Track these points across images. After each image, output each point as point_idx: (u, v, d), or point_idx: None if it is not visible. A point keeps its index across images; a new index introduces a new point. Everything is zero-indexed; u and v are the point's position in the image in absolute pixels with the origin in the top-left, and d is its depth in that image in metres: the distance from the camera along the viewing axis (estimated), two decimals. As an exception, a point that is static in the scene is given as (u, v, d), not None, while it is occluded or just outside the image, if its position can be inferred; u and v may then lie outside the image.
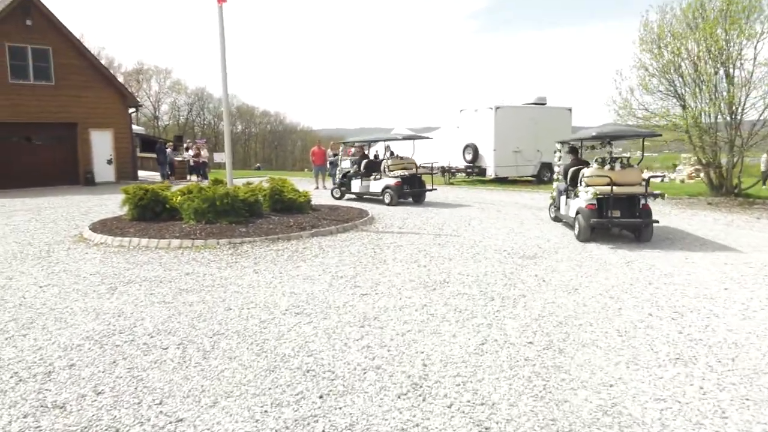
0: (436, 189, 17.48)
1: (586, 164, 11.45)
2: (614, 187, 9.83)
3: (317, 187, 21.09)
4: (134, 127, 29.73)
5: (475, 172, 24.38)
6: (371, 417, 3.79)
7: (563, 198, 11.74)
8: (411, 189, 16.12)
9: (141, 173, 27.76)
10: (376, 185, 16.49)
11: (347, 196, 17.73)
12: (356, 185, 17.33)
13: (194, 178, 25.38)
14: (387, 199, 15.87)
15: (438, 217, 13.25)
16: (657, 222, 10.30)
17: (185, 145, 30.34)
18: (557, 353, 4.86)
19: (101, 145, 24.45)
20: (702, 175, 19.85)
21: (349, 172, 17.80)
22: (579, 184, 10.66)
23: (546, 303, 6.34)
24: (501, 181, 24.22)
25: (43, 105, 22.51)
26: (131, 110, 26.31)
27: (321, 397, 4.08)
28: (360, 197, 17.39)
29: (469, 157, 24.17)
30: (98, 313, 6.09)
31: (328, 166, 22.12)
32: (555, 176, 12.82)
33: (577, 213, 10.35)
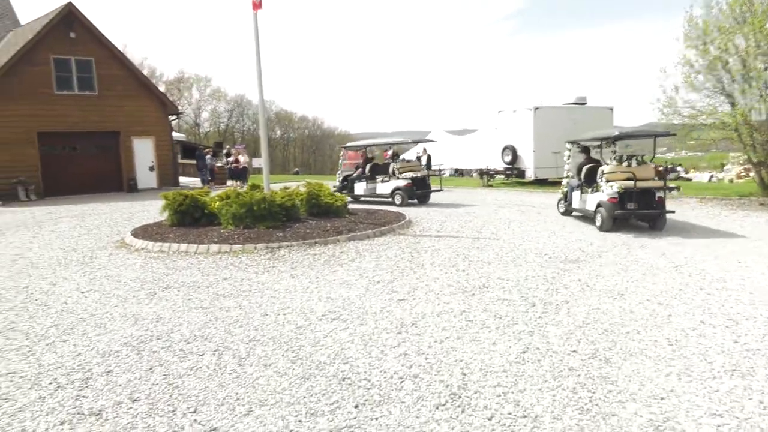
0: (442, 190, 18.06)
1: (597, 162, 12.57)
2: (636, 182, 10.86)
3: None
4: (175, 134, 30.31)
5: (514, 174, 24.01)
6: (408, 429, 3.66)
7: (576, 193, 12.79)
8: (419, 190, 16.76)
9: (182, 179, 28.26)
10: (383, 187, 17.00)
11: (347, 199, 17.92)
12: (360, 188, 17.71)
13: (233, 183, 25.67)
14: (398, 200, 16.43)
15: (477, 220, 13.03)
16: (673, 212, 11.75)
17: (225, 151, 30.75)
18: (603, 363, 4.64)
19: (143, 152, 24.98)
20: (752, 174, 19.08)
21: (350, 175, 18.23)
22: (599, 180, 11.62)
23: (590, 309, 6.10)
24: (541, 182, 23.77)
25: (86, 115, 23.13)
26: (172, 118, 26.82)
27: (357, 406, 3.97)
28: (357, 199, 17.74)
29: (507, 158, 23.83)
30: (137, 318, 6.12)
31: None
32: (566, 174, 13.64)
33: (599, 206, 11.36)
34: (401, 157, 19.77)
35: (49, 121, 22.24)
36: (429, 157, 23.63)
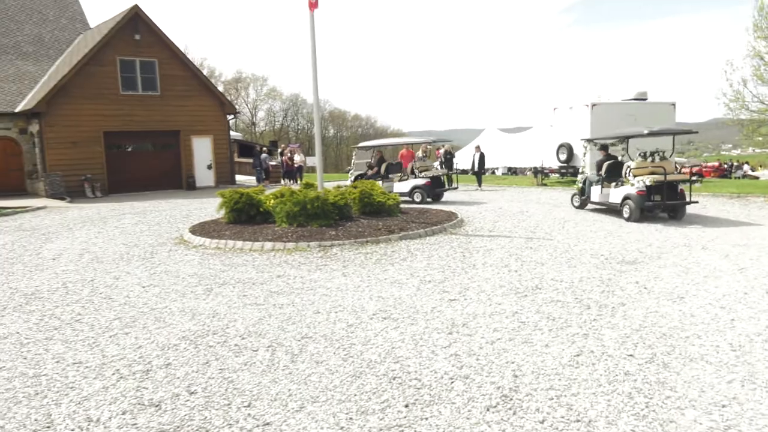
0: (457, 188, 19.64)
1: (615, 158, 13.75)
2: (665, 176, 11.86)
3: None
4: (232, 133, 31.03)
5: (569, 173, 23.49)
6: (458, 430, 3.65)
7: (596, 188, 13.81)
8: (437, 189, 17.59)
9: (239, 177, 28.90)
10: (401, 186, 17.57)
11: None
12: None
13: (286, 181, 26.11)
14: (417, 198, 16.98)
15: (530, 219, 12.83)
16: (696, 202, 13.05)
17: (279, 150, 31.28)
18: (661, 368, 4.51)
19: (202, 151, 25.67)
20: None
21: (363, 174, 18.62)
22: (627, 175, 12.51)
23: (648, 312, 5.92)
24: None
25: (150, 114, 23.95)
26: (230, 117, 27.47)
27: (407, 406, 3.99)
28: None
29: (563, 156, 23.31)
30: (194, 313, 6.31)
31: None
32: (581, 170, 14.78)
33: (627, 198, 12.39)
34: (455, 155, 19.89)
35: (115, 121, 23.15)
36: (482, 156, 23.40)
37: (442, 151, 23.56)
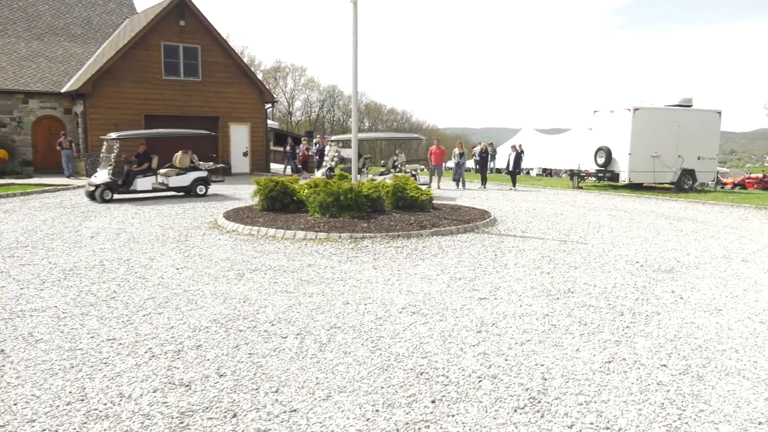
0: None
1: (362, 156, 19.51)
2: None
3: (429, 186, 21.17)
4: (269, 122, 31.29)
5: (606, 177, 23.09)
6: (485, 429, 3.62)
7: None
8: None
9: (273, 166, 29.18)
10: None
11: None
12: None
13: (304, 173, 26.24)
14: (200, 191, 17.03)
15: (564, 222, 12.66)
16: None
17: (315, 140, 31.42)
18: (695, 380, 4.40)
19: (239, 138, 26.00)
20: None
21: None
22: (400, 165, 19.77)
23: (683, 323, 5.79)
24: (635, 187, 22.77)
25: (190, 100, 24.34)
26: (267, 106, 27.71)
27: (434, 401, 3.97)
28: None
29: (601, 160, 22.93)
30: (226, 297, 6.39)
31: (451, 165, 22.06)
32: (326, 163, 18.64)
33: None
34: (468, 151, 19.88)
35: (157, 105, 23.59)
36: (518, 155, 23.19)
37: (477, 149, 23.40)
